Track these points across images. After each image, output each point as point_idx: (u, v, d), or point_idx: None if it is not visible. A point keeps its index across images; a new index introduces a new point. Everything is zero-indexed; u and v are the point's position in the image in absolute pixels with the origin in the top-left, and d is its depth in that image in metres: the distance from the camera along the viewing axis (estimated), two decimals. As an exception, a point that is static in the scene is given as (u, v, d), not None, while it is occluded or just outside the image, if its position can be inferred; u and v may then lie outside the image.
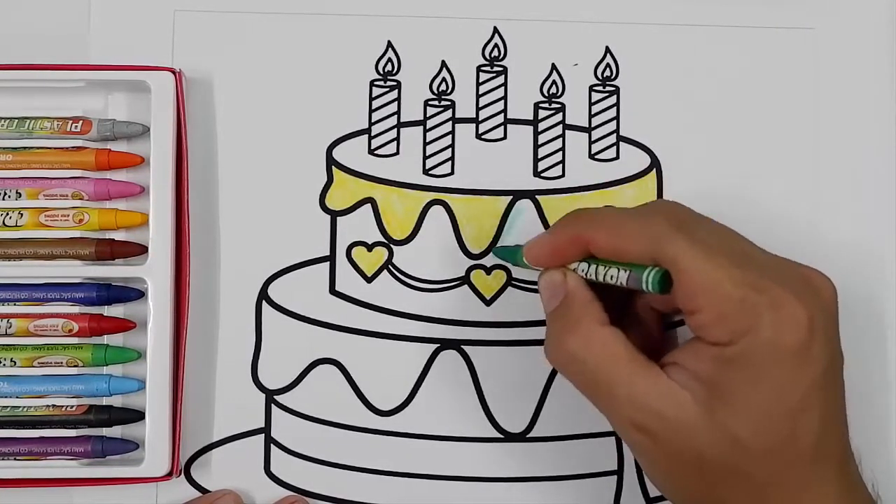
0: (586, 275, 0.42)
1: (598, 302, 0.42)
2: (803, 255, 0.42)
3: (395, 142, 0.51)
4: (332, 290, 0.50)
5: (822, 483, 0.39)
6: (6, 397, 0.48)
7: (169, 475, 0.47)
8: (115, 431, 0.49)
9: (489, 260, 0.50)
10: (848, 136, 0.51)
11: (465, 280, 0.50)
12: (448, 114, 0.51)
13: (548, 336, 0.43)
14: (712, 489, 0.40)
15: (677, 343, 0.45)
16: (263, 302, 0.50)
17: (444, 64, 0.51)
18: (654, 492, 0.49)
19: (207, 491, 0.49)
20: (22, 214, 0.48)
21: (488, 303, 0.50)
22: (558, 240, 0.43)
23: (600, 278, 0.42)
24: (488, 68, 0.51)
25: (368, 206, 0.50)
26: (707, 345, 0.39)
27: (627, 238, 0.41)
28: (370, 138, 0.51)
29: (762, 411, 0.38)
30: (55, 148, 0.49)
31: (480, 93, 0.51)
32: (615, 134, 0.51)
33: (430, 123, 0.51)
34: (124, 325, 0.49)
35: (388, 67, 0.51)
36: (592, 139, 0.51)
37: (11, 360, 0.48)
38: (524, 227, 0.50)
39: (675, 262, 0.39)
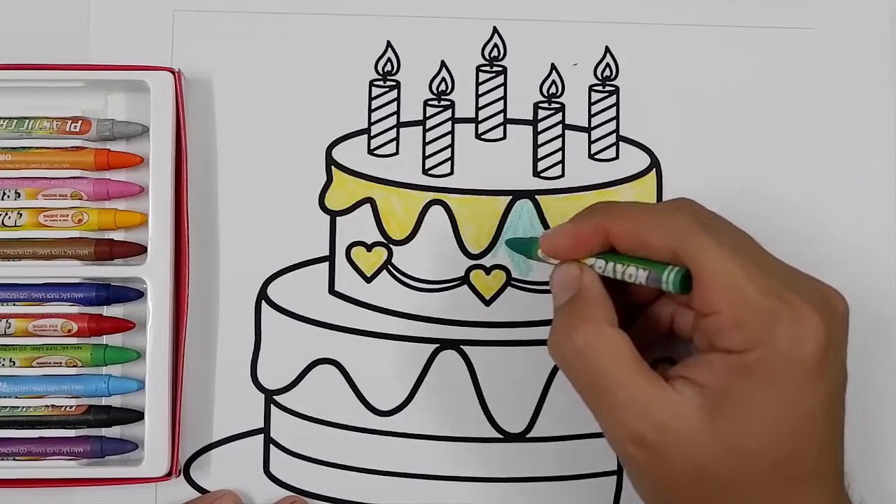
0: (603, 271, 0.41)
1: (610, 302, 0.41)
2: (801, 255, 0.42)
3: (395, 142, 0.50)
4: (332, 291, 0.50)
5: None
6: (5, 397, 0.48)
7: (168, 475, 0.47)
8: (115, 431, 0.49)
9: (489, 260, 0.50)
10: (847, 135, 0.51)
11: (464, 280, 0.50)
12: (447, 114, 0.51)
13: (553, 330, 0.41)
14: None
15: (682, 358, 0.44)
16: (263, 302, 0.50)
17: (443, 64, 0.51)
18: (653, 492, 0.50)
19: (207, 491, 0.49)
20: (21, 214, 0.48)
21: (488, 303, 0.50)
22: (579, 229, 0.42)
23: (618, 276, 0.41)
24: (488, 68, 0.51)
25: (368, 206, 0.50)
26: (719, 353, 0.38)
27: (651, 230, 0.40)
28: (370, 138, 0.51)
29: (771, 424, 0.37)
30: (54, 148, 0.49)
31: (480, 93, 0.51)
32: (615, 134, 0.51)
33: (429, 123, 0.51)
34: (123, 326, 0.49)
35: (388, 67, 0.51)
36: (592, 139, 0.51)
37: (10, 361, 0.48)
38: (524, 227, 0.50)
39: (699, 259, 0.38)
